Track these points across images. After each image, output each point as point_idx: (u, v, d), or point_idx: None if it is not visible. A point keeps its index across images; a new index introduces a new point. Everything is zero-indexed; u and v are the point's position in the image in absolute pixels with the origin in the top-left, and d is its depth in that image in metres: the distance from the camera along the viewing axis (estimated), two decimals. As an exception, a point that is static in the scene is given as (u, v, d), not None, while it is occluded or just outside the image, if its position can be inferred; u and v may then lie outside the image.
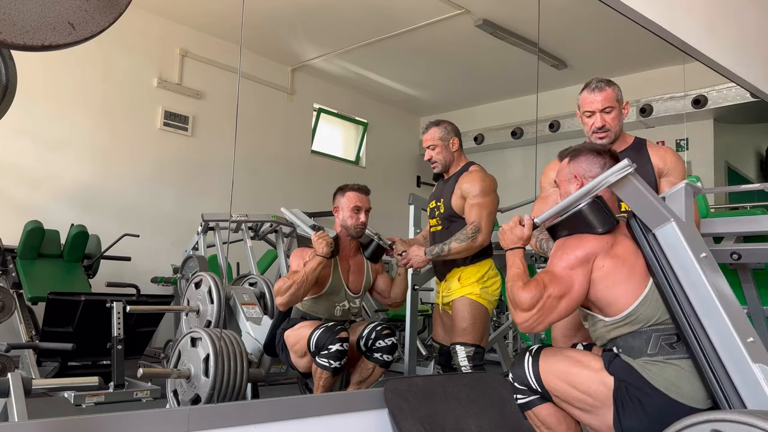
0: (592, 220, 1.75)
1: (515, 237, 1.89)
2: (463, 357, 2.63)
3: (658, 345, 1.69)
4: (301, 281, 2.51)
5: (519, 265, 1.83)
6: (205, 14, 5.18)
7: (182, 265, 4.37)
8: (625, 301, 1.72)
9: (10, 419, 1.52)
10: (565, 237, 1.81)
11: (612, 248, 1.74)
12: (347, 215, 2.72)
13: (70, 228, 4.19)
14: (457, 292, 2.70)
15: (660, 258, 1.71)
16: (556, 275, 1.72)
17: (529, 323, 1.71)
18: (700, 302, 1.65)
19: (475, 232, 2.60)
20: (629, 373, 1.69)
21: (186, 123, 5.51)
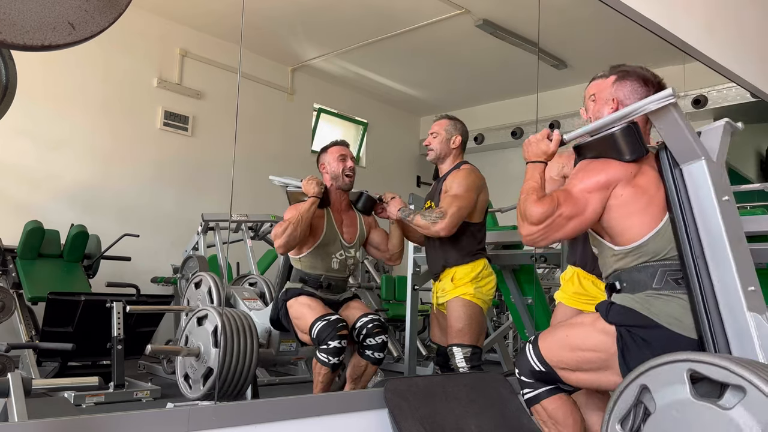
0: (622, 146, 1.69)
1: (539, 151, 1.85)
2: (461, 358, 2.63)
3: (663, 279, 1.66)
4: (297, 221, 2.59)
5: (537, 179, 1.79)
6: (205, 14, 5.18)
7: (182, 265, 4.38)
8: (637, 232, 1.69)
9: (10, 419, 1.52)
10: (589, 159, 1.76)
11: (635, 177, 1.70)
12: (335, 167, 2.81)
13: (70, 228, 4.19)
14: (450, 293, 2.70)
15: (681, 194, 1.67)
16: (572, 195, 1.69)
17: (533, 237, 1.70)
18: (710, 243, 1.62)
19: (438, 217, 2.60)
20: (629, 316, 1.66)
21: (186, 123, 5.51)
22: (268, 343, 2.98)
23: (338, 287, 2.83)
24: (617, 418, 1.41)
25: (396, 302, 5.06)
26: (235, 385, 2.50)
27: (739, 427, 1.20)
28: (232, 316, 2.59)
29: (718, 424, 1.23)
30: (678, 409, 1.29)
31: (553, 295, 2.80)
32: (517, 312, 3.75)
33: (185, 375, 2.62)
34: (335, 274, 2.79)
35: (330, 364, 2.51)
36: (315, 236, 2.73)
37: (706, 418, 1.25)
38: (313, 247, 2.74)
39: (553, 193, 1.72)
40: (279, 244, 2.62)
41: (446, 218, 2.58)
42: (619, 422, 1.41)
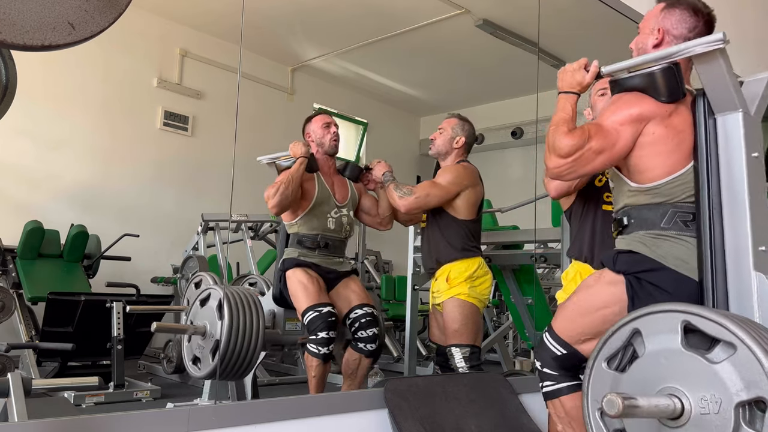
0: (661, 87, 1.62)
1: (574, 81, 1.78)
2: (460, 358, 2.63)
3: (672, 220, 1.63)
4: (288, 181, 2.65)
5: (569, 110, 1.72)
6: (205, 14, 5.18)
7: (182, 265, 4.38)
8: (659, 173, 1.64)
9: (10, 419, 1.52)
10: (622, 92, 1.69)
11: (669, 117, 1.63)
12: (321, 134, 2.87)
13: (70, 228, 4.19)
14: (445, 293, 2.70)
15: (711, 144, 1.62)
16: (604, 128, 1.63)
17: (560, 170, 1.64)
18: (730, 197, 1.59)
19: (405, 193, 2.66)
20: (637, 261, 1.62)
21: (186, 123, 5.52)
22: (273, 324, 2.98)
23: (335, 248, 2.83)
24: (605, 356, 1.43)
25: (396, 302, 5.07)
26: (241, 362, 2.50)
27: (723, 382, 1.22)
28: (236, 291, 2.61)
29: (703, 376, 1.25)
30: (666, 357, 1.31)
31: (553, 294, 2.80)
32: (517, 312, 3.75)
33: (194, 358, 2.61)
34: (331, 233, 2.82)
35: (320, 355, 2.54)
36: (308, 198, 2.78)
37: (691, 369, 1.27)
38: (308, 208, 2.78)
39: (585, 125, 1.65)
40: (272, 204, 2.66)
41: (411, 197, 2.64)
42: (605, 360, 1.42)
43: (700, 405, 1.24)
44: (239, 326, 2.46)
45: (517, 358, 4.73)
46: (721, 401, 1.21)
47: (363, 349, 2.69)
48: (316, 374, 2.56)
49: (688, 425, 1.25)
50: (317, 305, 2.61)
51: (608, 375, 1.40)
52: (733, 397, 1.20)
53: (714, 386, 1.23)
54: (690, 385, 1.26)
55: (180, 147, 5.47)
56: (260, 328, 2.52)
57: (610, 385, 1.38)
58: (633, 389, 1.32)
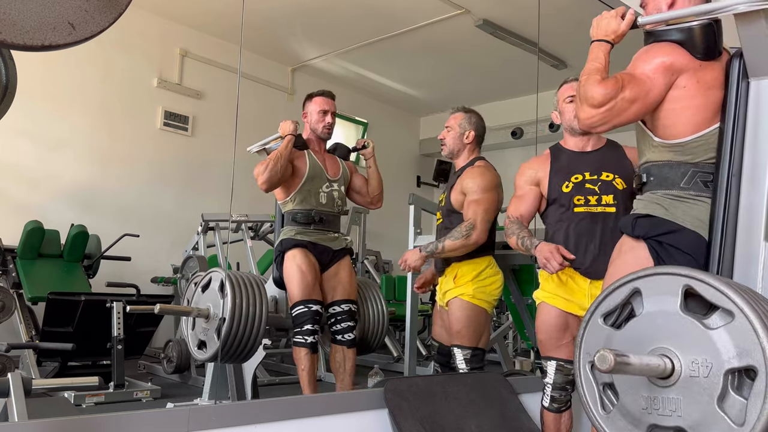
0: (698, 43, 1.58)
1: (609, 29, 1.70)
2: (461, 360, 2.62)
3: (693, 180, 1.61)
4: (276, 157, 2.68)
5: (602, 59, 1.68)
6: (205, 14, 5.18)
7: (182, 265, 4.38)
8: (685, 129, 1.61)
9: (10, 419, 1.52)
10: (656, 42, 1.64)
11: (701, 71, 1.59)
12: (316, 119, 2.89)
13: (70, 228, 4.20)
14: (451, 293, 2.68)
15: (740, 107, 1.58)
16: (636, 77, 1.59)
17: (593, 120, 1.61)
18: (752, 163, 1.56)
19: (469, 229, 2.58)
20: (655, 225, 1.61)
21: (186, 123, 5.52)
22: (276, 309, 2.99)
23: (329, 222, 2.86)
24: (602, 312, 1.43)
25: (396, 302, 5.07)
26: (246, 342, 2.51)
27: (716, 347, 1.23)
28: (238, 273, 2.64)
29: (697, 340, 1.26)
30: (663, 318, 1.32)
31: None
32: (517, 312, 3.75)
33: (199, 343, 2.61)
34: (325, 209, 2.85)
35: (307, 344, 2.62)
36: (299, 175, 2.81)
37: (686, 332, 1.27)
38: (301, 184, 2.81)
39: (617, 75, 1.61)
40: (262, 181, 2.67)
41: (478, 226, 2.57)
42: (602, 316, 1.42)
43: (691, 368, 1.25)
44: (242, 304, 2.48)
45: (517, 358, 4.74)
46: (712, 366, 1.23)
47: (342, 340, 2.75)
48: (305, 367, 2.62)
49: (676, 386, 1.27)
50: (308, 301, 2.66)
51: (603, 330, 1.40)
52: (724, 364, 1.21)
53: (707, 351, 1.24)
54: (683, 348, 1.27)
55: (180, 147, 5.47)
56: (264, 308, 2.56)
57: (604, 341, 1.39)
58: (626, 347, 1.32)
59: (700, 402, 1.23)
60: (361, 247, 5.18)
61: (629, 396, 1.34)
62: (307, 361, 2.62)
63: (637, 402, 1.33)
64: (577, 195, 2.19)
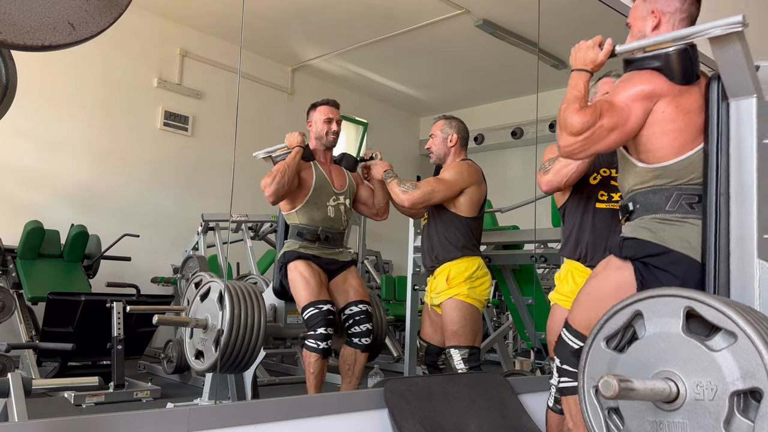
0: (675, 68, 1.61)
1: (587, 59, 1.75)
2: (459, 360, 2.62)
3: (678, 203, 1.62)
4: (283, 170, 2.64)
5: (581, 88, 1.71)
6: (205, 14, 5.18)
7: (182, 265, 4.38)
8: (667, 153, 1.63)
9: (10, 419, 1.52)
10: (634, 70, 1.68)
11: (679, 97, 1.63)
12: (321, 127, 2.87)
13: (70, 228, 4.19)
14: (445, 294, 2.69)
15: (722, 128, 1.61)
16: (615, 105, 1.62)
17: (572, 148, 1.64)
18: (738, 182, 1.57)
19: (409, 188, 2.66)
20: (643, 247, 1.62)
21: (186, 123, 5.51)
22: (274, 318, 2.98)
23: (335, 240, 2.83)
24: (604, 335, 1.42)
25: (396, 302, 5.07)
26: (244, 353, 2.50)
27: (720, 370, 1.22)
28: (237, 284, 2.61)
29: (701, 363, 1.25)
30: (665, 341, 1.31)
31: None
32: (517, 312, 3.75)
33: (197, 353, 2.60)
34: (332, 223, 2.81)
35: (319, 349, 2.55)
36: (306, 187, 2.77)
37: (690, 354, 1.27)
38: (307, 197, 2.78)
39: (596, 103, 1.64)
40: (269, 193, 2.65)
41: (416, 191, 2.64)
42: (605, 339, 1.42)
43: (696, 391, 1.24)
44: (240, 316, 2.47)
45: (517, 358, 4.73)
46: (717, 389, 1.22)
47: (357, 343, 2.71)
48: (314, 370, 2.57)
49: (682, 409, 1.26)
50: (317, 302, 2.61)
51: (606, 354, 1.40)
52: (729, 386, 1.20)
53: (711, 373, 1.23)
54: (687, 371, 1.26)
55: (180, 147, 5.47)
56: (262, 319, 2.54)
57: (608, 365, 1.39)
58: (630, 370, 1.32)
59: (706, 425, 1.22)
60: (361, 247, 5.17)
61: (635, 421, 1.34)
62: (317, 367, 2.57)
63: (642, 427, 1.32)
64: (601, 190, 2.19)
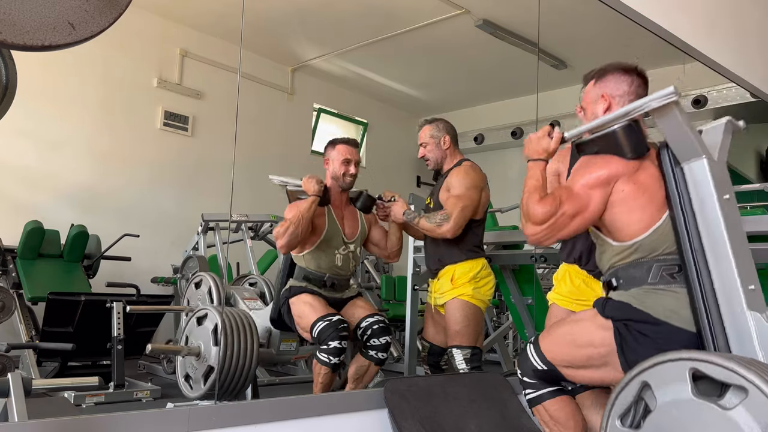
0: (623, 144, 1.68)
1: (540, 148, 1.84)
2: (461, 360, 2.62)
3: (659, 275, 1.66)
4: (298, 220, 2.60)
5: (539, 177, 1.78)
6: (205, 14, 5.18)
7: (182, 265, 4.37)
8: (637, 228, 1.69)
9: (10, 419, 1.52)
10: (590, 155, 1.76)
11: (636, 174, 1.69)
12: (338, 167, 2.81)
13: (70, 228, 4.19)
14: (449, 294, 2.69)
15: (682, 192, 1.67)
16: (574, 193, 1.69)
17: (538, 237, 1.70)
18: (710, 241, 1.62)
19: (443, 219, 2.61)
20: (626, 311, 1.66)
21: (186, 123, 5.51)
22: (268, 342, 2.98)
23: (342, 286, 2.83)
24: (617, 413, 1.41)
25: (396, 302, 5.07)
26: (235, 384, 2.50)
27: (739, 428, 1.20)
28: (232, 314, 2.59)
29: (719, 424, 1.23)
30: (679, 408, 1.29)
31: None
32: (517, 312, 3.75)
33: (186, 375, 2.61)
34: (339, 271, 2.79)
35: (330, 364, 2.52)
36: (317, 233, 2.74)
37: (706, 417, 1.25)
38: (316, 244, 2.75)
39: (555, 191, 1.71)
40: (281, 244, 2.63)
41: (451, 220, 2.59)
42: (619, 418, 1.41)
43: None
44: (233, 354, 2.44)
45: (517, 358, 4.73)
46: None
47: (374, 356, 2.67)
48: (324, 381, 2.54)
49: None
50: (326, 315, 2.58)
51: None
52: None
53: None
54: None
55: (180, 147, 5.47)
56: (254, 352, 2.51)
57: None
58: None
59: None
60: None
61: None
62: (326, 378, 2.54)
63: None
64: None
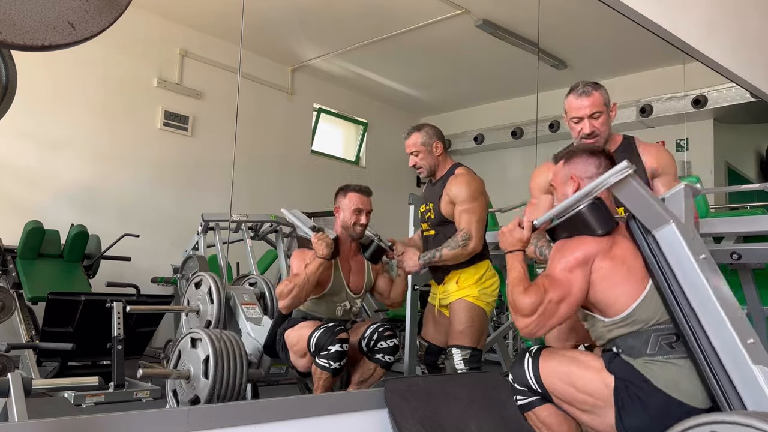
0: (592, 222, 1.75)
1: (514, 239, 1.88)
2: (459, 360, 2.62)
3: (657, 345, 1.69)
4: (303, 284, 2.53)
5: (519, 268, 1.82)
6: (205, 14, 5.18)
7: (182, 265, 4.37)
8: (624, 302, 1.72)
9: (10, 419, 1.52)
10: (563, 239, 1.81)
11: (611, 249, 1.74)
12: (348, 216, 2.72)
13: (70, 228, 4.19)
14: (454, 294, 2.69)
15: (659, 259, 1.71)
16: (556, 279, 1.72)
17: (530, 329, 1.72)
18: (699, 304, 1.65)
19: (465, 239, 2.60)
20: (630, 372, 1.69)
21: (186, 123, 5.51)
22: (259, 362, 2.92)
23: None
24: None
25: (396, 302, 5.05)
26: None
27: None
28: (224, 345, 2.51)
29: None
30: None
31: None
32: (517, 312, 3.74)
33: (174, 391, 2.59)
34: (338, 319, 2.72)
35: (331, 369, 2.45)
36: (321, 287, 2.66)
37: None
38: (319, 295, 2.69)
39: (537, 280, 1.74)
40: (283, 305, 2.57)
41: (474, 236, 2.60)
42: None
43: None
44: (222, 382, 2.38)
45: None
46: None
47: (380, 360, 2.61)
48: (325, 385, 2.50)
49: None
50: (321, 325, 2.53)
51: None
52: None
53: None
54: None
55: (180, 147, 5.47)
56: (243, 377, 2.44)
57: None
58: None
59: None
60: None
61: None
62: (327, 382, 2.49)
63: None
64: None
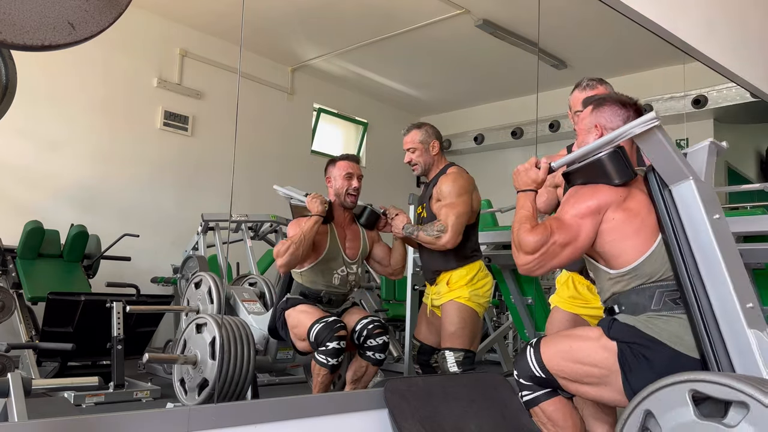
0: (610, 171, 1.71)
1: (529, 179, 1.87)
2: (452, 362, 2.61)
3: (662, 300, 1.67)
4: (299, 240, 2.57)
5: (529, 207, 1.81)
6: (205, 14, 5.18)
7: (182, 265, 4.38)
8: (632, 255, 1.70)
9: (10, 419, 1.52)
10: (579, 185, 1.78)
11: (625, 201, 1.71)
12: (340, 184, 2.77)
13: (70, 228, 4.19)
14: (446, 296, 2.69)
15: (672, 215, 1.68)
16: (565, 222, 1.71)
17: (529, 266, 1.72)
18: (705, 262, 1.63)
19: (439, 230, 2.59)
20: (631, 333, 1.66)
21: (186, 123, 5.51)
22: (265, 349, 2.94)
23: (338, 301, 2.80)
24: None
25: (396, 302, 5.07)
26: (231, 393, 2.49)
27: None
28: (230, 325, 2.56)
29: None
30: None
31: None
32: (517, 312, 3.75)
33: (181, 380, 2.60)
34: (336, 289, 2.77)
35: (329, 365, 2.49)
36: (317, 252, 2.70)
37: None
38: (315, 262, 2.71)
39: (546, 221, 1.73)
40: (281, 263, 2.60)
41: (449, 231, 2.58)
42: None
43: None
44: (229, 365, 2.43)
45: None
46: None
47: (371, 357, 2.64)
48: (323, 381, 2.53)
49: None
50: (322, 318, 2.55)
51: None
52: None
53: None
54: None
55: (180, 147, 5.47)
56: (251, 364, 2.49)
57: None
58: None
59: None
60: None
61: None
62: (325, 379, 2.52)
63: None
64: None
